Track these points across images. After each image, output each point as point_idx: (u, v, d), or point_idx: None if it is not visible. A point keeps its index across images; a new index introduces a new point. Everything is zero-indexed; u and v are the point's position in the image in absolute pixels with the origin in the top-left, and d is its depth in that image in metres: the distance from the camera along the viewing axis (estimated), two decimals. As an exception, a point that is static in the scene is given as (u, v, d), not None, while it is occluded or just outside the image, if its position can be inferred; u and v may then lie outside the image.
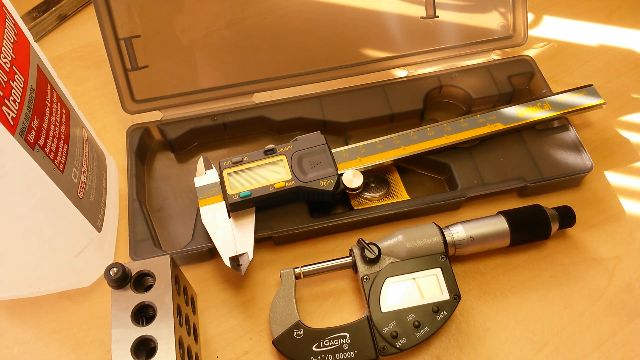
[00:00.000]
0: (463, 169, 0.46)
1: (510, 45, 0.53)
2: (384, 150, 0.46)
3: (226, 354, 0.41)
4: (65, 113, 0.40)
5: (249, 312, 0.42)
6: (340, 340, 0.38)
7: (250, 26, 0.50)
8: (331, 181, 0.43)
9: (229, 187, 0.42)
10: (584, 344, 0.40)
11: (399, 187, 0.47)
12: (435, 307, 0.38)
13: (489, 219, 0.42)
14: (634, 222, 0.45)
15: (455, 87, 0.52)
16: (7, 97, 0.31)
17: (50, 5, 0.63)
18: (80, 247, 0.40)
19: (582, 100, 0.48)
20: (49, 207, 0.36)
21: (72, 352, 0.41)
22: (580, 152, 0.46)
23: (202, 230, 0.43)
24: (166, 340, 0.34)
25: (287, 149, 0.44)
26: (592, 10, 0.61)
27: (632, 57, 0.56)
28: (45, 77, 0.38)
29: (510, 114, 0.47)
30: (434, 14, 0.51)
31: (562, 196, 0.47)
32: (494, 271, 0.43)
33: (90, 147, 0.44)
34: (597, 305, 0.41)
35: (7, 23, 0.34)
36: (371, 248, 0.40)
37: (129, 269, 0.36)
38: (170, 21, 0.49)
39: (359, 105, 0.51)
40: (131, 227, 0.44)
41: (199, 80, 0.51)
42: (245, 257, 0.40)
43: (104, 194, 0.45)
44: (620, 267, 0.43)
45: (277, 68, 0.51)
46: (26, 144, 0.33)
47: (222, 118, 0.51)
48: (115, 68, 0.48)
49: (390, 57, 0.52)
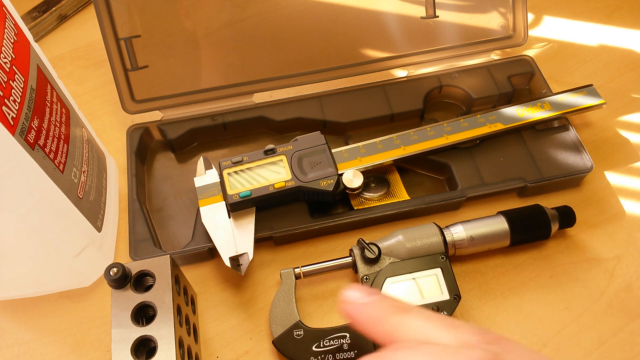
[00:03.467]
0: (463, 169, 0.46)
1: (510, 45, 0.53)
2: (384, 150, 0.46)
3: (226, 354, 0.41)
4: (65, 113, 0.40)
5: (249, 312, 0.42)
6: (340, 340, 0.38)
7: (250, 26, 0.50)
8: (331, 181, 0.43)
9: (229, 187, 0.42)
10: (584, 344, 0.40)
11: (399, 187, 0.47)
12: (436, 307, 0.38)
13: (489, 219, 0.42)
14: (634, 222, 0.45)
15: (455, 87, 0.52)
16: (7, 97, 0.31)
17: (50, 5, 0.63)
18: (80, 247, 0.40)
19: (582, 100, 0.48)
20: (49, 207, 0.36)
21: (72, 352, 0.41)
22: (580, 152, 0.46)
23: (202, 230, 0.43)
24: (166, 340, 0.34)
25: (287, 149, 0.44)
26: (592, 10, 0.61)
27: (632, 57, 0.56)
28: (45, 77, 0.38)
29: (510, 114, 0.47)
30: (434, 14, 0.51)
31: (562, 196, 0.47)
32: (494, 271, 0.43)
33: (90, 147, 0.44)
34: (597, 305, 0.41)
35: (7, 23, 0.34)
36: (371, 248, 0.40)
37: (129, 269, 0.36)
38: (170, 21, 0.49)
39: (359, 105, 0.51)
40: (131, 227, 0.44)
41: (199, 80, 0.51)
42: (245, 257, 0.40)
43: (104, 194, 0.45)
44: (620, 267, 0.43)
45: (277, 68, 0.51)
46: (26, 144, 0.33)
47: (222, 118, 0.51)
48: (115, 68, 0.48)
49: (390, 57, 0.52)
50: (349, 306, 0.26)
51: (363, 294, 0.26)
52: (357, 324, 0.26)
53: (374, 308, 0.25)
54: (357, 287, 0.27)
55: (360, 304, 0.26)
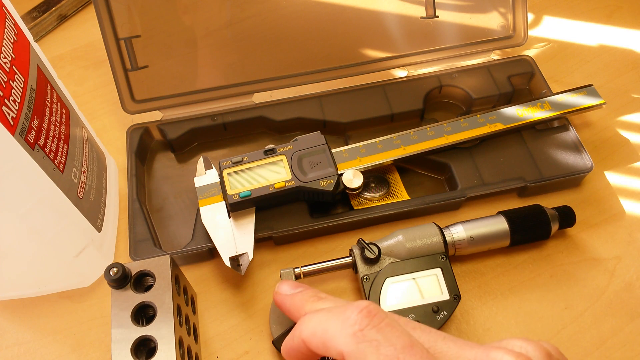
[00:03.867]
0: (463, 169, 0.46)
1: (510, 45, 0.53)
2: (384, 150, 0.46)
3: (226, 354, 0.41)
4: (65, 113, 0.40)
5: (249, 312, 0.42)
6: (340, 340, 0.38)
7: (250, 26, 0.50)
8: (331, 181, 0.43)
9: (229, 187, 0.42)
10: (584, 344, 0.40)
11: (399, 187, 0.47)
12: (435, 307, 0.38)
13: (489, 219, 0.42)
14: (634, 222, 0.45)
15: (455, 87, 0.52)
16: (7, 97, 0.31)
17: (50, 5, 0.63)
18: (80, 247, 0.40)
19: (582, 100, 0.48)
20: (49, 207, 0.36)
21: (72, 352, 0.41)
22: (580, 152, 0.46)
23: (202, 230, 0.43)
24: (166, 340, 0.34)
25: (287, 149, 0.44)
26: (592, 10, 0.61)
27: (632, 57, 0.56)
28: (45, 77, 0.38)
29: (510, 114, 0.47)
30: (434, 14, 0.51)
31: (562, 196, 0.47)
32: (494, 271, 0.43)
33: (90, 147, 0.44)
34: (597, 305, 0.41)
35: (7, 23, 0.34)
36: (371, 248, 0.40)
37: (129, 269, 0.36)
38: (170, 21, 0.49)
39: (359, 105, 0.51)
40: (131, 227, 0.44)
41: (199, 80, 0.51)
42: (245, 257, 0.40)
43: (104, 194, 0.45)
44: (620, 267, 0.43)
45: (277, 68, 0.51)
46: (26, 144, 0.33)
47: (222, 118, 0.51)
48: (115, 68, 0.48)
49: (390, 57, 0.52)
50: (278, 296, 0.33)
51: (290, 288, 0.33)
52: (285, 312, 0.33)
53: (295, 298, 0.32)
54: (287, 282, 0.34)
55: (287, 295, 0.33)
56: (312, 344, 0.28)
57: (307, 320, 0.28)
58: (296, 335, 0.29)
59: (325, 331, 0.27)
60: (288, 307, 0.33)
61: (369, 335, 0.25)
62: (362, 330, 0.25)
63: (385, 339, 0.25)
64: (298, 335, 0.28)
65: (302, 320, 0.29)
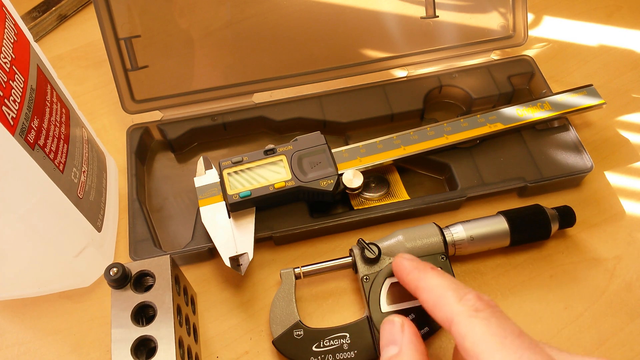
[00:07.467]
0: (463, 169, 0.46)
1: (510, 45, 0.53)
2: (384, 150, 0.46)
3: (226, 354, 0.41)
4: (65, 113, 0.40)
5: (249, 312, 0.42)
6: (340, 340, 0.38)
7: (250, 26, 0.50)
8: (331, 181, 0.43)
9: (229, 187, 0.42)
10: (584, 344, 0.40)
11: (399, 187, 0.47)
12: (435, 307, 0.38)
13: (489, 219, 0.42)
14: (634, 222, 0.45)
15: (455, 87, 0.52)
16: (7, 97, 0.31)
17: (50, 5, 0.63)
18: (80, 247, 0.40)
19: (582, 100, 0.48)
20: (49, 207, 0.36)
21: (72, 352, 0.41)
22: (580, 152, 0.46)
23: (202, 230, 0.43)
24: (166, 340, 0.34)
25: (287, 149, 0.44)
26: (592, 10, 0.61)
27: (632, 57, 0.56)
28: (45, 77, 0.38)
29: (510, 114, 0.47)
30: (433, 14, 0.51)
31: (562, 196, 0.47)
32: (494, 271, 0.43)
33: (90, 147, 0.44)
34: (597, 305, 0.41)
35: (7, 23, 0.34)
36: (371, 248, 0.40)
37: (129, 269, 0.36)
38: (170, 21, 0.49)
39: (359, 105, 0.51)
40: (131, 227, 0.44)
41: (199, 80, 0.51)
42: (245, 257, 0.40)
43: (104, 194, 0.45)
44: (620, 267, 0.43)
45: (277, 68, 0.51)
46: (26, 144, 0.33)
47: (222, 118, 0.51)
48: (115, 68, 0.48)
49: (390, 57, 0.52)
50: (401, 259, 0.35)
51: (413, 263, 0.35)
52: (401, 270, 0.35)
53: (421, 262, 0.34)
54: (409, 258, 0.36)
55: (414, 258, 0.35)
56: (423, 295, 0.31)
57: (432, 276, 0.31)
58: (413, 278, 0.32)
59: (442, 296, 0.30)
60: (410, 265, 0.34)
61: (481, 314, 0.28)
62: (477, 310, 0.28)
63: (497, 322, 0.27)
64: (416, 279, 0.32)
65: (428, 274, 0.32)
